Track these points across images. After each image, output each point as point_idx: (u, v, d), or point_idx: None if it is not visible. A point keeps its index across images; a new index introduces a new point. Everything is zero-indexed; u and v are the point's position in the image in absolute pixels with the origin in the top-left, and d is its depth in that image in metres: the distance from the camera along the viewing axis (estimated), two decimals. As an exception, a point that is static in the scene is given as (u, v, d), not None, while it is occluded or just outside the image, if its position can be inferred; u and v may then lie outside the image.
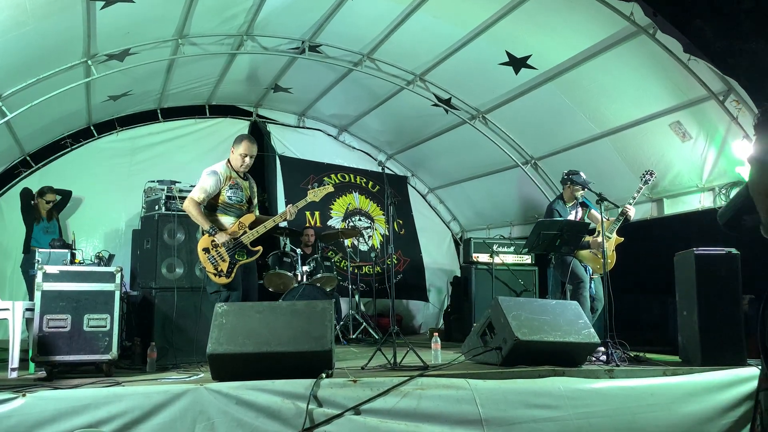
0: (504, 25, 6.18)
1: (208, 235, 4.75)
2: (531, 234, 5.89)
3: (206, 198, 4.81)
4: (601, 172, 6.94)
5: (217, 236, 4.73)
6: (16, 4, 4.87)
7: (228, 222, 4.89)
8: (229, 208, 4.91)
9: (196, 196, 4.78)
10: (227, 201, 4.88)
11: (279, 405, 3.71)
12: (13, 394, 3.41)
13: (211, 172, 4.87)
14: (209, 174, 4.85)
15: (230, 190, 4.88)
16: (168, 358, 5.17)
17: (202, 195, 4.79)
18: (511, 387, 4.12)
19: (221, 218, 4.89)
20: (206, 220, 4.77)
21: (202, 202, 4.79)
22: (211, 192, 4.82)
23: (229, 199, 4.88)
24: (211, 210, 4.90)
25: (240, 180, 4.98)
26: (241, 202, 4.95)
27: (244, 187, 5.00)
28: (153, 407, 3.58)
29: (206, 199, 4.81)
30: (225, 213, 4.91)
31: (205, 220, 4.76)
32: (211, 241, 4.75)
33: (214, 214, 4.89)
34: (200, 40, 6.75)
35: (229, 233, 4.80)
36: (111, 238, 8.14)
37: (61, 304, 4.36)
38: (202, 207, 4.81)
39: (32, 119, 6.82)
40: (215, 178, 4.83)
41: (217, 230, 4.76)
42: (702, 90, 5.69)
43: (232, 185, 4.89)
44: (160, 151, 8.70)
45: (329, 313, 4.16)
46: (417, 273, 9.99)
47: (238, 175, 4.98)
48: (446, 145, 9.04)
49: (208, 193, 4.81)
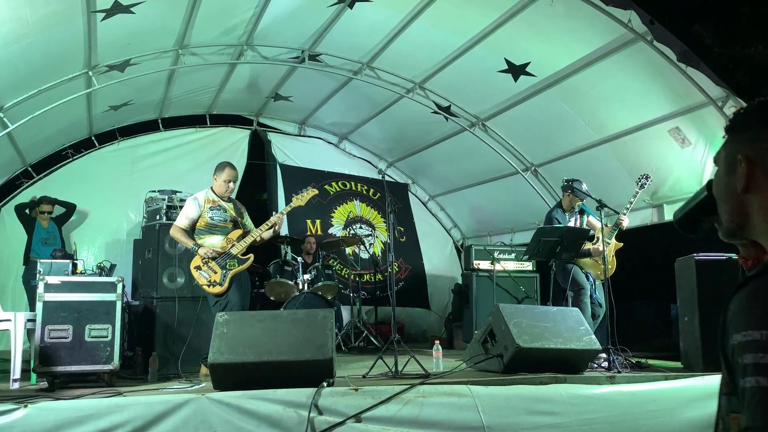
0: (503, 33, 6.21)
1: (193, 251, 5.01)
2: (531, 241, 5.89)
3: (188, 223, 5.12)
4: (601, 178, 6.96)
5: (200, 250, 4.99)
6: (17, 17, 4.91)
7: (217, 240, 5.12)
8: (214, 228, 5.16)
9: (179, 223, 5.13)
10: (210, 221, 5.14)
11: (281, 414, 3.71)
12: (15, 405, 3.41)
13: (192, 198, 5.24)
14: (191, 200, 5.22)
15: (211, 212, 5.16)
16: (170, 368, 5.18)
17: (185, 221, 5.12)
18: (513, 393, 4.11)
19: (209, 238, 5.13)
20: (189, 240, 5.07)
21: (185, 227, 5.10)
22: (193, 217, 5.14)
23: (211, 219, 5.14)
24: (198, 233, 5.15)
25: (222, 202, 5.24)
26: (225, 221, 5.20)
27: (228, 208, 5.25)
28: (155, 417, 3.58)
29: (188, 224, 5.12)
30: (211, 233, 5.15)
31: (189, 240, 5.06)
32: (201, 259, 4.99)
33: (202, 236, 5.13)
34: (201, 50, 6.79)
35: (218, 249, 5.02)
36: (112, 248, 8.15)
37: (63, 314, 4.37)
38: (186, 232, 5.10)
39: (34, 130, 6.85)
40: (195, 203, 5.16)
41: (199, 246, 5.02)
42: (701, 96, 5.71)
43: (212, 207, 5.18)
44: (160, 160, 8.72)
45: (330, 322, 4.17)
46: (418, 280, 9.99)
47: (221, 199, 5.24)
48: (446, 152, 9.05)
49: (191, 219, 5.13)
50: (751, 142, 1.08)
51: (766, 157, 1.05)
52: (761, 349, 0.89)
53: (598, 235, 5.89)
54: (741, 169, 1.07)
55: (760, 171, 1.05)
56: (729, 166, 1.10)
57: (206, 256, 4.95)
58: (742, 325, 0.93)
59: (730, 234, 1.14)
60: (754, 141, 1.07)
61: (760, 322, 0.90)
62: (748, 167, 1.06)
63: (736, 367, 0.93)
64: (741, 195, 1.08)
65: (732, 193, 1.09)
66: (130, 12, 5.52)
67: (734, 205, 1.10)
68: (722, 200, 1.13)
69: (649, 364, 5.22)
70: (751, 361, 0.89)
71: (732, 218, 1.11)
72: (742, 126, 1.12)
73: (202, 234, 5.13)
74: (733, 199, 1.10)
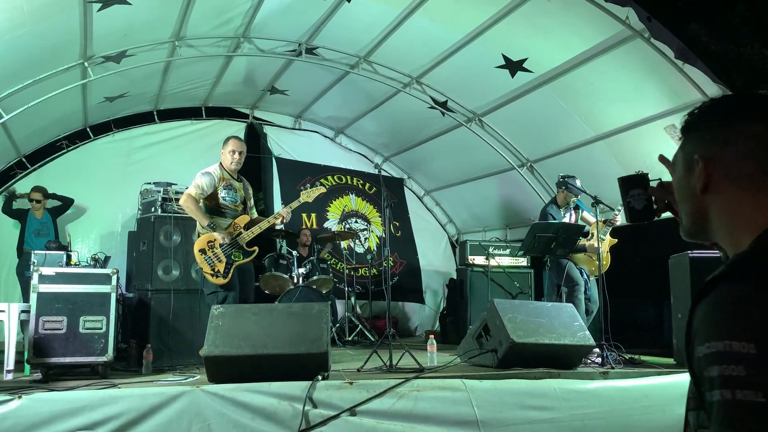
0: (500, 29, 6.21)
1: (209, 230, 4.78)
2: (526, 236, 5.91)
3: (201, 195, 4.87)
4: (597, 175, 6.97)
5: (217, 232, 4.77)
6: (13, 6, 4.88)
7: (223, 223, 4.94)
8: (225, 209, 4.97)
9: (191, 191, 4.86)
10: (222, 202, 4.94)
11: (275, 407, 3.71)
12: (8, 396, 3.41)
13: (204, 172, 4.97)
14: (203, 174, 4.96)
15: (224, 191, 4.96)
16: (164, 360, 5.17)
17: (197, 190, 4.86)
18: (506, 388, 4.13)
19: (217, 220, 4.93)
20: (205, 216, 4.83)
21: (198, 197, 4.85)
22: (206, 189, 4.88)
23: (223, 200, 4.95)
24: (208, 212, 4.94)
25: (234, 181, 5.05)
26: (235, 203, 5.02)
27: (238, 188, 5.08)
28: (149, 409, 3.58)
29: (201, 195, 4.87)
30: (220, 214, 4.96)
31: (204, 217, 4.83)
32: (208, 242, 4.80)
33: (212, 216, 4.93)
34: (197, 42, 6.76)
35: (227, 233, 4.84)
36: (107, 240, 8.12)
37: (57, 305, 4.36)
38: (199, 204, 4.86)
39: (28, 121, 6.81)
40: (209, 177, 4.92)
41: (216, 226, 4.80)
42: (697, 94, 5.72)
43: (226, 186, 4.97)
44: (156, 152, 8.68)
45: (325, 315, 4.18)
46: (413, 275, 10.00)
47: (232, 177, 5.04)
48: (443, 147, 9.06)
49: (204, 190, 4.87)
50: (707, 142, 1.06)
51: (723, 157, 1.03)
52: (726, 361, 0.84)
53: (592, 231, 5.91)
54: (698, 169, 1.05)
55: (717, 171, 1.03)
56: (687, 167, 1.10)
57: (217, 240, 4.75)
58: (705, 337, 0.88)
59: (691, 235, 1.13)
60: (710, 141, 1.06)
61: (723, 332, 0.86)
62: (705, 167, 1.04)
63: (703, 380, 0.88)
64: (700, 196, 1.06)
65: (692, 194, 1.08)
66: (127, 3, 5.49)
67: (694, 206, 1.08)
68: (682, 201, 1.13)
69: (642, 361, 5.25)
70: (717, 373, 0.85)
71: (693, 220, 1.10)
72: (698, 126, 1.11)
73: (210, 215, 4.93)
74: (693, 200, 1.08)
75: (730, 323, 0.87)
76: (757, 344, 0.83)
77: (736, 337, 0.85)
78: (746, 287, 0.88)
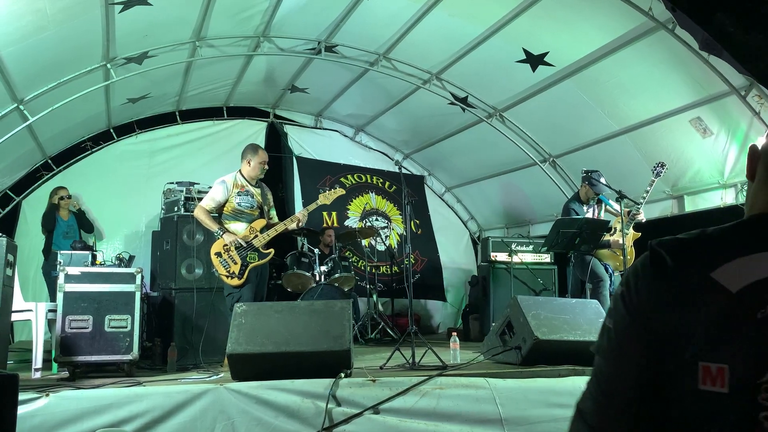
0: (521, 23, 6.14)
1: (217, 235, 4.93)
2: (550, 233, 5.85)
3: (214, 206, 5.02)
4: (621, 169, 6.88)
5: (225, 236, 4.90)
6: (36, 9, 4.94)
7: (240, 228, 5.05)
8: (240, 215, 5.07)
9: (204, 204, 5.02)
10: (237, 207, 5.05)
11: (298, 404, 3.72)
12: (37, 394, 3.45)
13: (220, 181, 5.10)
14: (218, 183, 5.09)
15: (239, 197, 5.06)
16: (188, 358, 5.21)
17: (211, 203, 5.02)
18: (531, 386, 4.09)
19: (234, 224, 5.05)
20: (214, 223, 4.96)
21: (211, 210, 5.01)
22: (219, 200, 5.03)
23: (238, 205, 5.05)
24: (224, 218, 5.07)
25: (251, 187, 5.14)
26: (252, 208, 5.12)
27: (255, 194, 5.16)
28: (174, 407, 3.61)
29: (214, 207, 5.02)
30: (237, 219, 5.07)
31: (214, 224, 4.96)
32: (223, 245, 4.90)
33: (227, 221, 5.05)
34: (217, 42, 6.79)
35: (240, 237, 4.93)
36: (131, 240, 8.22)
37: (83, 305, 4.41)
38: (211, 215, 5.01)
39: (53, 123, 6.90)
40: (223, 187, 5.05)
41: (225, 231, 4.93)
42: (723, 85, 5.61)
43: (241, 192, 5.08)
44: (178, 153, 8.76)
45: (347, 313, 4.17)
46: (434, 273, 9.97)
47: (249, 183, 5.14)
48: (463, 143, 9.01)
49: (217, 201, 5.02)
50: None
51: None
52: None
53: (615, 226, 5.83)
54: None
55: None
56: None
57: (230, 244, 4.87)
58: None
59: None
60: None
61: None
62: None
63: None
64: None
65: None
66: (147, 4, 5.53)
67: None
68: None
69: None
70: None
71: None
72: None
73: (227, 220, 5.03)
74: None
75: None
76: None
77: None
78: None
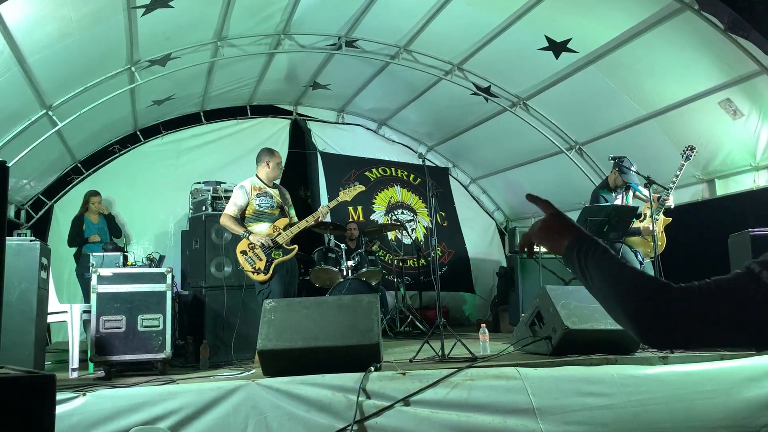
0: (542, 9, 6.07)
1: (243, 237, 5.06)
2: (578, 221, 5.78)
3: (238, 211, 5.19)
4: (649, 155, 6.77)
5: (251, 236, 5.05)
6: (61, 15, 5.02)
7: (264, 228, 5.18)
8: (262, 215, 5.21)
9: (228, 211, 5.20)
10: (258, 209, 5.20)
11: (330, 398, 3.74)
12: (74, 394, 3.52)
13: (239, 187, 5.29)
14: (238, 188, 5.28)
15: (258, 198, 5.22)
16: (220, 355, 5.28)
17: (234, 208, 5.19)
18: (562, 375, 4.05)
19: (257, 225, 5.19)
20: (240, 226, 5.13)
21: (235, 215, 5.17)
22: (241, 205, 5.20)
23: (259, 206, 5.20)
24: (247, 221, 5.22)
25: (268, 189, 5.30)
26: (272, 208, 5.26)
27: (274, 195, 5.31)
28: (207, 403, 3.65)
29: (238, 212, 5.19)
30: (259, 220, 5.20)
31: (239, 227, 5.13)
32: (248, 244, 5.05)
33: (250, 223, 5.20)
34: (239, 42, 6.84)
35: (264, 235, 5.06)
36: (161, 240, 8.34)
37: (116, 305, 4.49)
38: (236, 219, 5.17)
39: (81, 127, 7.03)
40: (242, 192, 5.22)
41: (250, 233, 5.08)
42: (753, 65, 5.48)
43: (260, 194, 5.24)
44: (204, 152, 8.86)
45: (375, 307, 4.17)
46: (462, 264, 9.93)
47: (266, 185, 5.30)
48: (487, 134, 8.94)
49: (239, 206, 5.20)
50: None
51: None
52: None
53: (645, 212, 5.74)
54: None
55: None
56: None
57: (254, 242, 5.02)
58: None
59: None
60: None
61: None
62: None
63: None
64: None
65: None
66: (169, 6, 5.59)
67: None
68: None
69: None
70: None
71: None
72: None
73: (250, 222, 5.20)
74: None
75: None
76: None
77: None
78: None
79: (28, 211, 8.00)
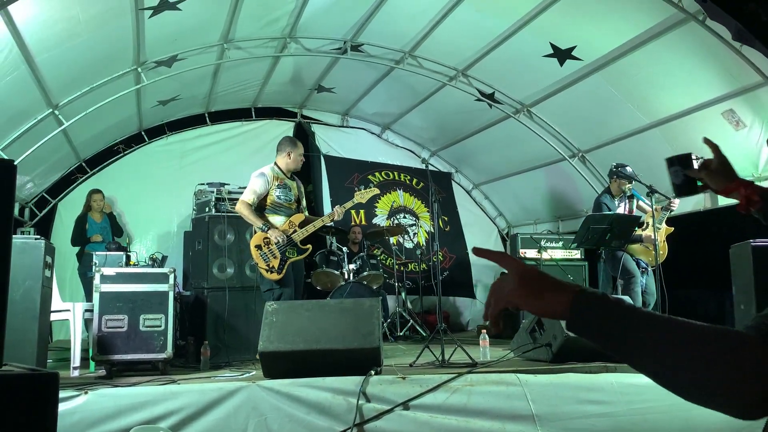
0: (547, 17, 6.09)
1: (262, 231, 4.87)
2: (580, 228, 5.79)
3: (256, 199, 4.95)
4: (651, 163, 6.74)
5: (270, 232, 4.85)
6: (69, 16, 5.06)
7: (279, 221, 5.01)
8: (279, 208, 5.04)
9: (247, 198, 4.95)
10: (276, 201, 5.01)
11: (330, 401, 3.75)
12: (75, 392, 3.54)
13: (259, 174, 5.03)
14: (257, 176, 5.02)
15: (278, 190, 5.02)
16: (221, 357, 5.28)
17: (252, 196, 4.94)
18: (562, 382, 4.06)
19: (272, 218, 5.01)
20: (258, 218, 4.91)
21: (253, 203, 4.93)
22: (260, 193, 4.97)
23: (278, 198, 5.01)
24: (262, 211, 5.03)
25: (288, 180, 5.11)
26: (290, 201, 5.09)
27: (292, 187, 5.14)
28: (208, 404, 3.67)
29: (256, 200, 4.95)
30: (275, 213, 5.04)
31: (258, 219, 4.90)
32: (264, 239, 4.88)
33: (266, 214, 5.02)
34: (245, 44, 6.87)
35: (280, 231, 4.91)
36: (164, 240, 8.37)
37: (118, 304, 4.50)
38: (253, 209, 4.95)
39: (87, 127, 7.06)
40: (263, 179, 4.98)
41: (270, 226, 4.89)
42: (756, 76, 5.49)
43: (280, 185, 5.04)
44: (208, 153, 8.89)
45: (377, 311, 4.18)
46: (463, 269, 9.93)
47: (286, 176, 5.10)
48: (490, 140, 8.96)
49: (258, 194, 4.96)
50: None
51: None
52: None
53: (647, 221, 5.75)
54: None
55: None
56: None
57: (271, 238, 4.83)
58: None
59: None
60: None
61: None
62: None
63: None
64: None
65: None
66: (177, 8, 5.63)
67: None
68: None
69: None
70: None
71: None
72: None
73: (266, 213, 5.01)
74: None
75: None
76: None
77: None
78: None
79: (32, 209, 8.03)
